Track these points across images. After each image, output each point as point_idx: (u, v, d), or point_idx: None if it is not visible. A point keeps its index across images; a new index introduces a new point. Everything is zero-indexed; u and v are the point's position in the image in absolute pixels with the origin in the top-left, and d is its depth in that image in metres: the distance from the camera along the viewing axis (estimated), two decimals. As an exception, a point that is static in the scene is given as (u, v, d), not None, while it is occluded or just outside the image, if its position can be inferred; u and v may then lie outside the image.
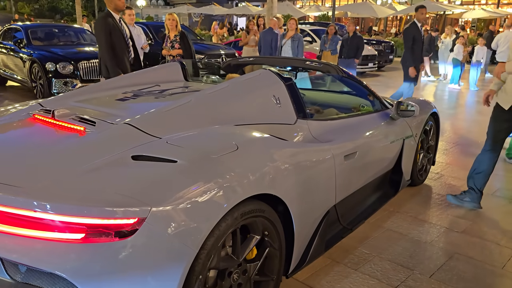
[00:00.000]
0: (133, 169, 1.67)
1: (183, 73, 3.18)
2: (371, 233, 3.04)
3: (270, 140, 2.12)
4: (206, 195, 1.63)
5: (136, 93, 2.63)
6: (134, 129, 1.95)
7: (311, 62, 3.38)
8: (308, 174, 2.27)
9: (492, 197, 3.78)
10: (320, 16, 26.33)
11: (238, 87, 2.46)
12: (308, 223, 2.31)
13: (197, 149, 1.82)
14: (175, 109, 2.13)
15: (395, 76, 13.56)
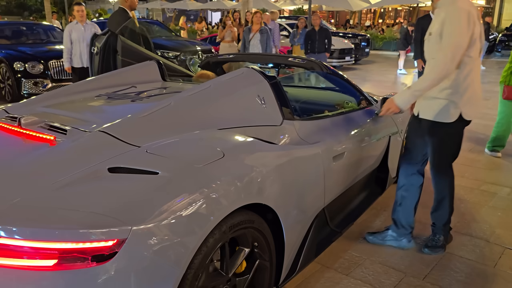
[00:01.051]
0: (110, 184, 1.51)
1: (161, 73, 3.01)
2: (360, 234, 2.96)
3: (257, 145, 2.00)
4: (191, 209, 1.49)
5: (111, 96, 2.46)
6: (110, 137, 1.78)
7: (293, 58, 3.26)
8: (297, 178, 2.16)
9: (478, 192, 3.76)
10: (296, 9, 26.25)
11: (220, 88, 2.31)
12: (298, 229, 2.21)
13: (180, 159, 1.67)
14: (154, 113, 1.97)
15: (372, 69, 13.63)
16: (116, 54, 3.42)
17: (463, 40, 2.22)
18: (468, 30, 2.22)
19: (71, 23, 6.35)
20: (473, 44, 2.28)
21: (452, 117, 2.38)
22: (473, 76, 2.36)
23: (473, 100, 2.39)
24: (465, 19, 2.21)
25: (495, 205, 3.49)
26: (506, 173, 4.28)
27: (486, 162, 4.56)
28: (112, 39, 3.39)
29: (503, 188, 3.85)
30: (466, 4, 2.27)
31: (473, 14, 2.24)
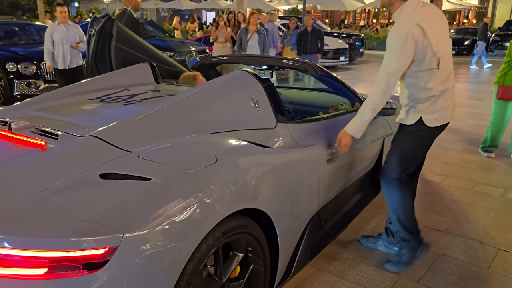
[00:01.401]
0: (101, 190, 1.50)
1: (154, 75, 2.99)
2: (354, 236, 2.96)
3: (250, 149, 1.99)
4: (184, 215, 1.48)
5: (103, 99, 2.43)
6: (102, 142, 1.76)
7: (288, 60, 3.26)
8: (291, 182, 2.15)
9: (472, 193, 3.78)
10: (290, 9, 26.27)
11: (214, 91, 2.30)
12: (292, 233, 2.20)
13: (173, 164, 1.66)
14: (147, 117, 1.95)
15: (366, 69, 13.66)
16: (111, 38, 3.42)
17: (396, 68, 2.24)
18: (402, 54, 2.20)
19: (53, 24, 6.28)
20: (424, 58, 2.22)
21: (411, 120, 2.37)
22: (436, 86, 2.29)
23: (437, 108, 2.32)
24: (400, 43, 2.19)
25: (489, 206, 3.51)
26: (500, 173, 4.30)
27: (479, 162, 4.58)
28: (109, 23, 3.40)
29: (496, 189, 3.86)
30: (408, 24, 2.19)
31: (414, 33, 2.16)
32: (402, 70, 2.26)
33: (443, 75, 2.29)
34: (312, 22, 8.55)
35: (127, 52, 3.46)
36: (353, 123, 2.47)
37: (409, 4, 2.27)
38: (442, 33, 2.30)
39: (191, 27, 20.00)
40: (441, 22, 2.34)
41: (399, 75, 2.28)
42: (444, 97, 2.33)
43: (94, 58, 3.47)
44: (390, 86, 2.28)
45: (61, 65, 6.23)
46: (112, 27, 3.41)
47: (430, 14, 2.28)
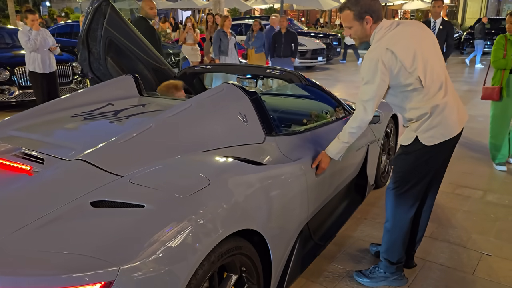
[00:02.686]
0: (94, 220, 1.46)
1: (137, 87, 2.93)
2: (342, 245, 2.99)
3: (241, 168, 1.97)
4: (180, 242, 1.45)
5: (87, 116, 2.37)
6: (91, 166, 1.71)
7: (272, 70, 3.25)
8: (282, 197, 2.15)
9: (453, 196, 3.86)
10: (267, 9, 26.28)
11: (201, 107, 2.27)
12: (283, 247, 2.20)
13: (166, 189, 1.62)
14: (135, 138, 1.91)
15: (344, 69, 13.81)
16: (104, 19, 3.52)
17: (371, 95, 2.23)
18: (375, 81, 2.18)
19: (24, 30, 6.08)
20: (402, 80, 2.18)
21: (408, 140, 2.33)
22: (425, 104, 2.24)
23: (431, 125, 2.25)
24: (371, 71, 2.18)
25: (470, 209, 3.59)
26: (478, 175, 4.41)
27: (459, 164, 4.68)
28: (105, 4, 3.48)
29: (476, 191, 3.97)
30: (378, 50, 2.17)
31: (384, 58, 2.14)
32: (378, 96, 2.24)
33: (431, 91, 2.22)
34: (286, 24, 8.18)
35: (114, 36, 3.56)
36: (333, 146, 2.48)
37: (380, 28, 2.24)
38: (424, 49, 2.21)
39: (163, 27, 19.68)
40: (420, 38, 2.24)
41: (375, 101, 2.25)
42: (438, 113, 2.24)
43: (86, 34, 3.59)
44: (367, 112, 2.27)
45: (41, 69, 6.08)
46: (106, 9, 3.50)
47: (405, 33, 2.21)
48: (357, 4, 2.22)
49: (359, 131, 2.37)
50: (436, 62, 2.26)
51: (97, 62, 3.82)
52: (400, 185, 2.41)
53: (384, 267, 2.53)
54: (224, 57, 7.62)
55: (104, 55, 3.77)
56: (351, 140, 2.42)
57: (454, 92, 2.33)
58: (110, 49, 3.71)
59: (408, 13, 30.03)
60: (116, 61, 3.86)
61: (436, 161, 2.37)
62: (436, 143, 2.27)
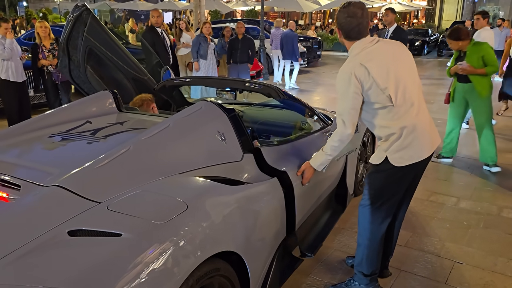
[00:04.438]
0: (70, 250, 1.47)
1: (116, 103, 2.94)
2: (320, 256, 3.05)
3: (219, 190, 2.00)
4: (158, 269, 1.48)
5: (65, 136, 2.37)
6: (68, 192, 1.72)
7: (251, 83, 3.30)
8: (260, 216, 2.20)
9: (428, 203, 3.97)
10: (248, 11, 26.33)
11: (180, 127, 2.30)
12: (262, 264, 2.24)
13: (143, 216, 1.64)
14: (113, 161, 1.92)
15: (324, 72, 13.95)
16: (84, 28, 3.59)
17: (345, 107, 2.26)
18: (349, 93, 2.21)
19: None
20: (372, 97, 2.22)
21: (378, 160, 2.37)
22: (393, 123, 2.27)
23: (400, 146, 2.28)
24: (344, 83, 2.23)
25: (444, 217, 3.70)
26: (453, 182, 4.55)
27: (433, 170, 4.81)
28: (86, 13, 3.54)
29: (450, 198, 4.09)
30: (351, 64, 2.22)
31: (357, 72, 2.18)
32: (354, 109, 2.26)
33: (401, 110, 2.24)
34: (243, 30, 8.20)
35: (94, 45, 3.61)
36: (317, 158, 2.53)
37: (356, 46, 2.28)
38: (399, 68, 2.25)
39: (144, 28, 19.51)
40: (397, 57, 2.29)
41: (351, 114, 2.26)
42: (408, 134, 2.25)
43: (67, 41, 3.67)
44: (346, 126, 2.29)
45: (15, 77, 6.01)
46: (87, 18, 3.56)
47: (381, 51, 2.26)
48: (338, 14, 2.32)
49: (341, 145, 2.40)
50: (410, 82, 2.28)
51: (77, 69, 3.84)
52: (373, 202, 2.47)
53: (358, 279, 2.60)
54: (203, 61, 7.65)
55: (84, 64, 3.79)
56: (333, 153, 2.46)
57: (427, 115, 2.37)
58: (90, 58, 3.74)
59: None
60: (96, 70, 3.87)
61: (407, 180, 2.43)
62: (405, 164, 2.31)
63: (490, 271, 2.90)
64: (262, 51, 12.18)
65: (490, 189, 4.32)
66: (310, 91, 10.51)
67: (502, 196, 4.13)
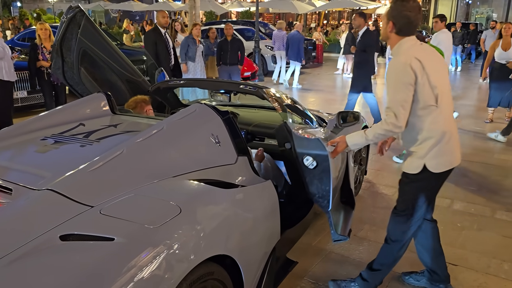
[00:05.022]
0: (62, 255, 1.45)
1: (110, 106, 2.92)
2: (315, 259, 3.05)
3: (212, 193, 1.99)
4: (151, 274, 1.47)
5: (57, 139, 2.35)
6: (60, 196, 1.71)
7: (245, 86, 3.29)
8: (255, 218, 2.19)
9: (421, 205, 3.98)
10: (243, 12, 26.34)
11: (174, 129, 2.29)
12: (256, 268, 2.23)
13: (136, 220, 1.63)
14: (106, 164, 1.91)
15: (319, 73, 13.98)
16: (78, 29, 3.59)
17: (400, 97, 2.20)
18: (404, 83, 2.18)
19: None
20: (422, 92, 2.20)
21: (416, 169, 2.33)
22: (437, 127, 2.27)
23: (440, 152, 2.29)
24: (400, 73, 2.19)
25: (438, 218, 3.64)
26: (446, 183, 4.54)
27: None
28: (80, 15, 3.54)
29: (444, 200, 4.10)
30: (407, 56, 2.21)
31: (413, 64, 2.17)
32: (406, 100, 2.19)
33: (443, 113, 2.25)
34: (232, 31, 8.26)
35: (88, 46, 3.61)
36: (355, 138, 2.42)
37: (406, 41, 2.27)
38: (441, 72, 2.29)
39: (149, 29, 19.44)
40: (439, 62, 2.33)
41: (405, 107, 2.19)
42: (447, 140, 2.28)
43: (60, 43, 3.67)
44: (398, 119, 2.20)
45: (9, 76, 5.99)
46: (81, 19, 3.56)
47: (428, 52, 2.31)
48: (394, 6, 2.28)
49: (385, 136, 2.35)
50: (448, 90, 2.33)
51: (71, 71, 3.82)
52: (406, 209, 2.47)
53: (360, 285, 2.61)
54: (190, 63, 7.66)
55: (77, 65, 3.77)
56: (374, 140, 2.38)
57: None
58: (84, 60, 3.72)
59: (381, 17, 30.61)
60: (90, 72, 3.86)
61: (438, 187, 2.51)
62: (443, 170, 2.33)
63: (484, 273, 2.91)
64: (257, 52, 12.20)
65: (483, 191, 4.34)
66: (305, 92, 10.52)
67: (496, 198, 4.15)
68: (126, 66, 3.80)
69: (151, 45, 6.05)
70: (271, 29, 17.27)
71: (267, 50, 13.16)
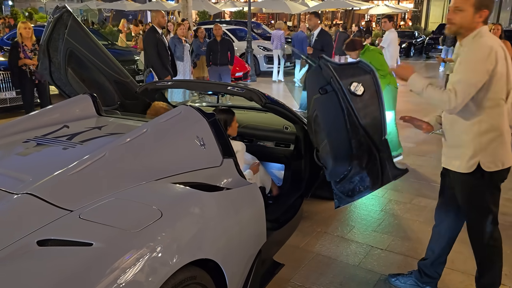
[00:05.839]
0: (39, 261, 1.43)
1: (95, 107, 2.89)
2: (302, 261, 3.04)
3: (196, 196, 1.98)
4: (131, 279, 1.46)
5: (40, 141, 2.32)
6: (39, 200, 1.69)
7: (233, 87, 3.27)
8: (240, 221, 2.18)
9: (410, 206, 4.00)
10: (236, 12, 26.31)
11: (158, 132, 2.27)
12: (241, 271, 2.22)
13: (115, 224, 1.61)
14: (88, 168, 1.89)
15: (312, 74, 13.98)
16: (65, 29, 3.57)
17: (469, 78, 2.07)
18: (482, 70, 2.06)
19: None
20: (495, 83, 2.10)
21: (469, 168, 2.24)
22: (499, 122, 2.17)
23: (497, 150, 2.19)
24: (484, 57, 2.06)
25: (425, 220, 3.72)
26: (435, 185, 4.57)
27: (416, 174, 4.85)
28: (66, 15, 3.53)
29: (432, 201, 4.10)
30: (491, 40, 2.12)
31: (498, 51, 2.08)
32: (475, 85, 2.08)
33: (505, 111, 2.16)
34: (221, 32, 8.23)
35: (75, 47, 3.58)
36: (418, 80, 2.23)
37: (485, 29, 2.18)
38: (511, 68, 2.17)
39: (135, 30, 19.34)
40: None
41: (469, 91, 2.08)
42: (506, 138, 2.17)
43: (47, 43, 3.64)
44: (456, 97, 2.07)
45: None
46: (68, 20, 3.53)
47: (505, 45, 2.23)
48: None
49: (437, 103, 2.19)
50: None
51: (58, 72, 3.80)
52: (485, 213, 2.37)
53: None
54: (180, 63, 7.65)
55: (64, 66, 3.74)
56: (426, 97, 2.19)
57: None
58: (71, 60, 3.70)
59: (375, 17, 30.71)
60: (77, 72, 3.83)
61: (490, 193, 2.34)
62: (496, 170, 2.22)
63: (470, 274, 2.91)
64: (249, 52, 12.19)
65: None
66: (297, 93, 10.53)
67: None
68: (114, 67, 3.77)
69: (153, 46, 6.02)
70: (264, 29, 17.27)
71: (259, 50, 13.15)
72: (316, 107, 2.80)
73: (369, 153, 2.71)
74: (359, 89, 2.59)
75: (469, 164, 2.24)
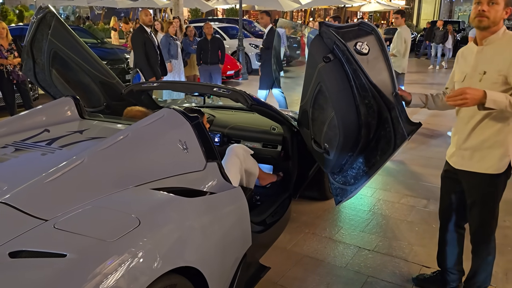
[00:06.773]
0: (10, 274, 1.39)
1: (78, 110, 2.84)
2: (289, 263, 3.03)
3: (176, 202, 1.95)
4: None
5: (18, 146, 2.27)
6: (13, 209, 1.64)
7: (218, 88, 3.24)
8: (223, 226, 2.15)
9: (398, 206, 3.99)
10: (229, 9, 26.19)
11: (139, 136, 2.23)
12: (224, 278, 2.20)
13: (91, 234, 1.58)
14: (65, 175, 1.84)
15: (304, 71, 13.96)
16: (48, 30, 3.52)
17: None
18: None
19: None
20: None
21: (501, 167, 2.20)
22: None
23: None
24: None
25: (413, 220, 3.72)
26: (424, 183, 4.58)
27: (405, 172, 4.85)
28: (50, 15, 3.51)
29: (421, 201, 4.11)
30: None
31: None
32: None
33: None
34: (212, 30, 8.15)
35: (59, 47, 3.54)
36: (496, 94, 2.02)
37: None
38: None
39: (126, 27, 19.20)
40: None
41: None
42: None
43: (30, 43, 3.62)
44: None
45: None
46: (51, 20, 3.48)
47: None
48: None
49: None
50: None
51: (43, 72, 3.74)
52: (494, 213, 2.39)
53: None
54: (174, 61, 7.62)
55: (48, 67, 3.69)
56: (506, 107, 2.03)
57: None
58: (55, 61, 3.65)
59: (367, 14, 30.77)
60: (62, 74, 3.78)
61: None
62: None
63: (457, 274, 2.91)
64: (240, 50, 12.14)
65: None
66: (289, 91, 10.49)
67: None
68: (99, 68, 3.72)
69: (140, 45, 6.02)
70: (256, 27, 17.21)
71: (251, 48, 13.11)
72: (321, 78, 2.72)
73: (379, 116, 2.65)
74: (364, 48, 2.56)
75: (501, 164, 2.21)
